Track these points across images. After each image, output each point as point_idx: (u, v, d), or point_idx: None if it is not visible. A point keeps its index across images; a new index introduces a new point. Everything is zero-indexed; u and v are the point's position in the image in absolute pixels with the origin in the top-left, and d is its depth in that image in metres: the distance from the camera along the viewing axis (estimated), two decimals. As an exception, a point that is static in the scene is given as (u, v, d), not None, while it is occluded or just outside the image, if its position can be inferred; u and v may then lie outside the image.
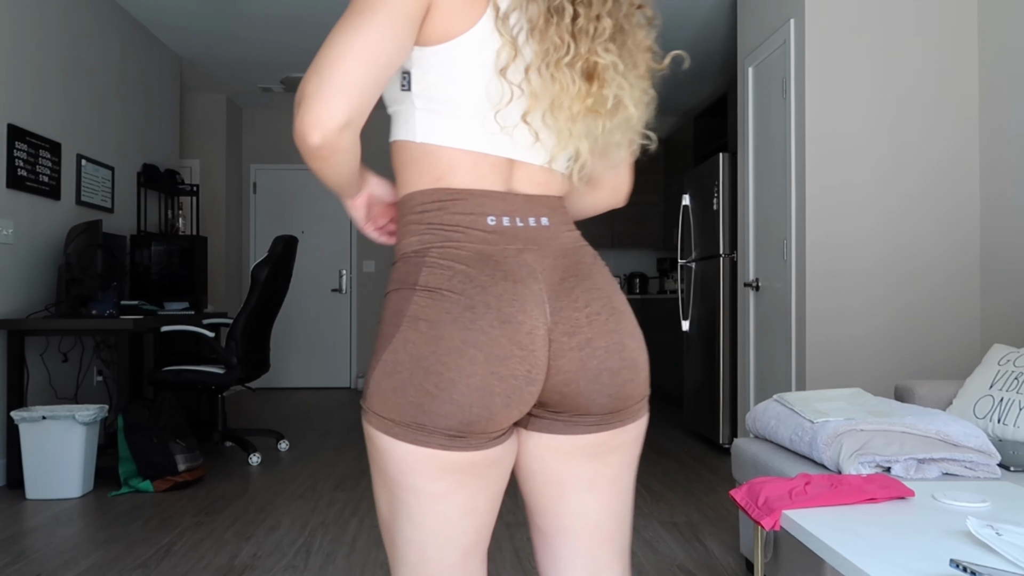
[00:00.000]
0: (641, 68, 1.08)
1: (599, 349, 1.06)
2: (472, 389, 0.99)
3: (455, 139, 1.04)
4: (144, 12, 5.39)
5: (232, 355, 4.39)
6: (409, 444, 1.01)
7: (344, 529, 3.22)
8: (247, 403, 7.02)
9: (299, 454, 4.75)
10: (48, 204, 4.40)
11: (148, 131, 5.74)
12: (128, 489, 3.81)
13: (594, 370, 1.06)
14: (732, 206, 4.82)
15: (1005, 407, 2.37)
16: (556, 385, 1.05)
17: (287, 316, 7.93)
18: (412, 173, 1.07)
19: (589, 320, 1.06)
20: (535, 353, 1.02)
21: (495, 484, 1.08)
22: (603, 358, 1.06)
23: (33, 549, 2.96)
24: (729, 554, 2.89)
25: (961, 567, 1.20)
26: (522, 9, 1.01)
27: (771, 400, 2.59)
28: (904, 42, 3.67)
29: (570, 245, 1.10)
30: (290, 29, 5.65)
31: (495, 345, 0.99)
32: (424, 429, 1.00)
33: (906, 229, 3.67)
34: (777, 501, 1.64)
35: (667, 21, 5.39)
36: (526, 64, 1.01)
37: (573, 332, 1.05)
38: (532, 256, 1.05)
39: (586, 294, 1.07)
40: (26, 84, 4.20)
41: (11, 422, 3.82)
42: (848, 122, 3.67)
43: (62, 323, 3.97)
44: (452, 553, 1.07)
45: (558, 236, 1.09)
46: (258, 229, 8.00)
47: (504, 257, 1.03)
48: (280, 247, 4.52)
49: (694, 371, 5.38)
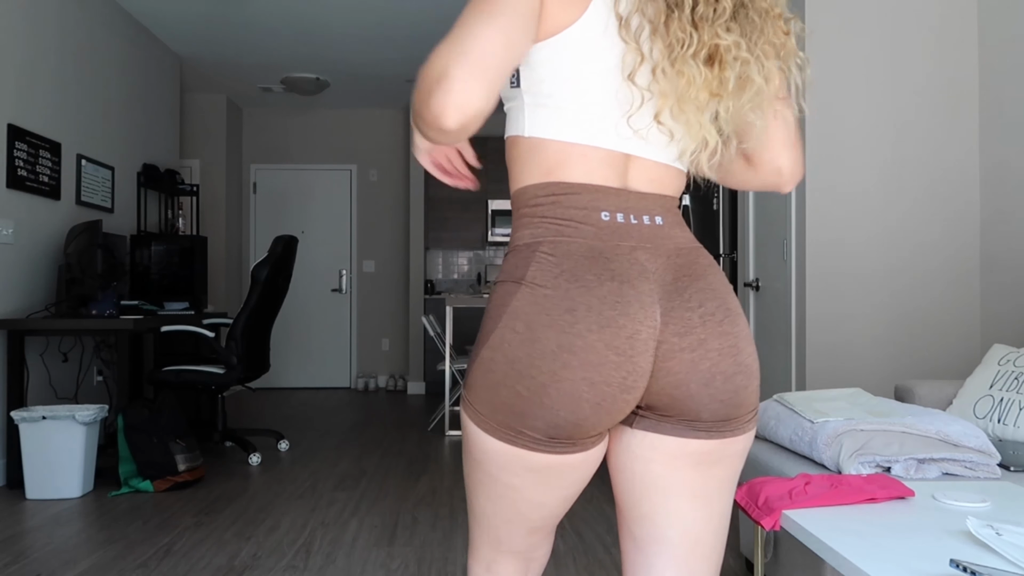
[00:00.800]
0: (771, 34, 1.04)
1: (712, 351, 1.02)
2: (562, 394, 0.98)
3: (565, 133, 1.04)
4: (144, 12, 5.39)
5: (232, 355, 4.39)
6: (497, 440, 1.03)
7: (344, 529, 3.22)
8: (247, 403, 7.02)
9: (299, 454, 4.75)
10: (48, 204, 4.40)
11: (148, 131, 5.74)
12: (128, 489, 3.81)
13: (706, 372, 1.02)
14: (732, 206, 4.82)
15: (1005, 407, 2.37)
16: (665, 388, 1.02)
17: (287, 316, 7.93)
18: (524, 167, 1.07)
19: (703, 320, 1.03)
20: (634, 359, 0.99)
21: (574, 485, 1.08)
22: (716, 360, 1.02)
23: (33, 549, 2.96)
24: (729, 554, 2.89)
25: (961, 567, 1.20)
26: (641, 11, 1.01)
27: (771, 400, 2.59)
28: (904, 42, 3.67)
29: (684, 245, 1.08)
30: (290, 29, 5.65)
31: (591, 351, 0.97)
32: (513, 429, 1.01)
33: (906, 228, 3.67)
34: (777, 501, 1.64)
35: (667, 21, 5.20)
36: (652, 65, 1.00)
37: (685, 332, 1.02)
38: (645, 255, 1.03)
39: (700, 294, 1.04)
40: (26, 84, 4.20)
41: (11, 422, 3.82)
42: (848, 122, 3.67)
43: (62, 323, 3.97)
44: (518, 529, 1.13)
45: (672, 236, 1.07)
46: (258, 229, 8.00)
47: (616, 255, 1.01)
48: (280, 247, 4.52)
49: (694, 371, 5.37)
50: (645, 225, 1.05)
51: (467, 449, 1.10)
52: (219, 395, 4.74)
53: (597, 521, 3.33)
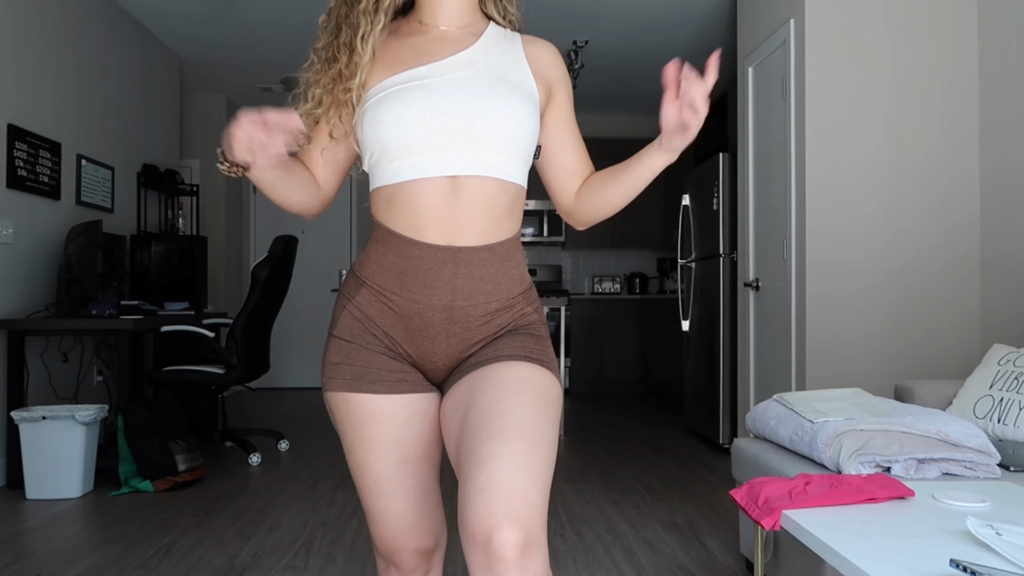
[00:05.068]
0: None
1: None
2: None
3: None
4: (144, 12, 5.39)
5: (232, 355, 4.39)
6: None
7: (344, 529, 3.22)
8: (247, 403, 7.02)
9: (299, 454, 4.75)
10: (48, 204, 4.40)
11: (148, 131, 5.74)
12: (128, 489, 3.81)
13: None
14: (732, 206, 4.82)
15: (1005, 407, 2.37)
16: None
17: (287, 316, 7.92)
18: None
19: None
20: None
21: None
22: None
23: (33, 549, 2.96)
24: (729, 554, 2.89)
25: (961, 567, 1.20)
26: None
27: (771, 400, 2.59)
28: (904, 42, 3.67)
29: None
30: (290, 29, 5.65)
31: None
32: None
33: (906, 229, 3.67)
34: (777, 501, 1.64)
35: (667, 21, 5.40)
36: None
37: None
38: None
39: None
40: (26, 84, 4.20)
41: (11, 422, 3.82)
42: (848, 122, 3.67)
43: (62, 323, 3.97)
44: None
45: None
46: (258, 229, 8.00)
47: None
48: (280, 247, 4.52)
49: (694, 371, 5.38)
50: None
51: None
52: (219, 395, 4.74)
53: (597, 521, 3.33)
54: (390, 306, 1.28)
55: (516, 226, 1.32)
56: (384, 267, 1.28)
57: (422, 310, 1.27)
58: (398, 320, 1.29)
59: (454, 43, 1.33)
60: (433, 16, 1.35)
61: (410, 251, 1.25)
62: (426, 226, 1.25)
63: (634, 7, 5.20)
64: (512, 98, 1.27)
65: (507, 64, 1.33)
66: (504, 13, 1.41)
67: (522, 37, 1.40)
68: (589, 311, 7.74)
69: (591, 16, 5.35)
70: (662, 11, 5.27)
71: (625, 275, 8.27)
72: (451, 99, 1.24)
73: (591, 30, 5.61)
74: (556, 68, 1.38)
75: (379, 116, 1.25)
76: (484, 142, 1.24)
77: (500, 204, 1.27)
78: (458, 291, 1.26)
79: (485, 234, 1.26)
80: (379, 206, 1.30)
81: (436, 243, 1.24)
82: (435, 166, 1.24)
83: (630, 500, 3.68)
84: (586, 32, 5.65)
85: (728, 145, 5.44)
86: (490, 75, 1.29)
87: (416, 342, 1.30)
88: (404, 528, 1.33)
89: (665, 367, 6.92)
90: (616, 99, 7.53)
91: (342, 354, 1.30)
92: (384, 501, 1.31)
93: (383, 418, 1.28)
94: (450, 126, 1.23)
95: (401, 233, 1.26)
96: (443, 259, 1.24)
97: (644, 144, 1.32)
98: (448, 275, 1.25)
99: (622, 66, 6.45)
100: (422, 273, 1.25)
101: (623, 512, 3.47)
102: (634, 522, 3.31)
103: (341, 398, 1.30)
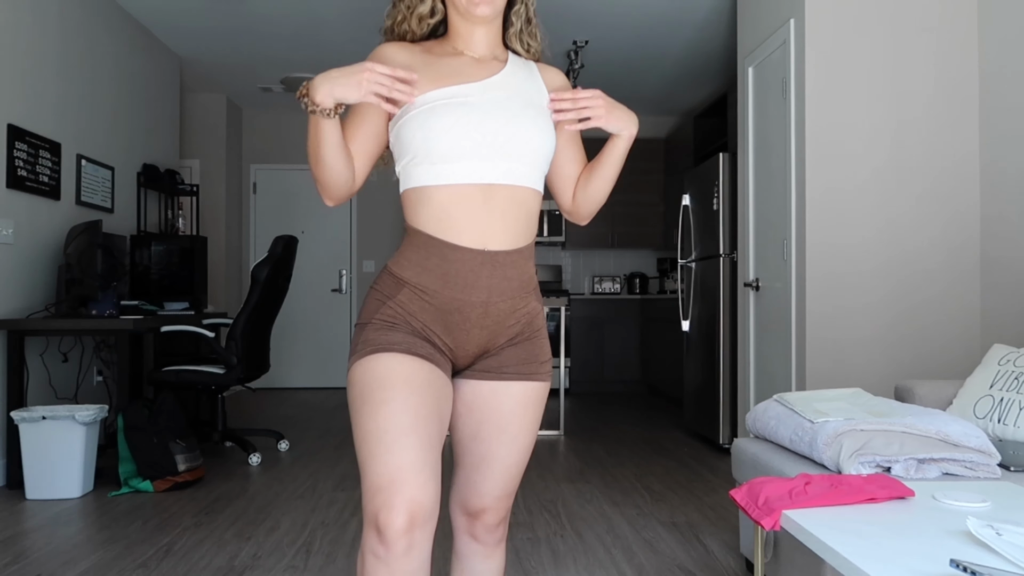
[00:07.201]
0: None
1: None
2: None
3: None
4: (144, 12, 5.39)
5: (232, 355, 4.39)
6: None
7: (344, 529, 3.22)
8: (247, 403, 7.02)
9: (299, 454, 4.75)
10: (48, 204, 4.40)
11: (148, 131, 5.74)
12: (128, 489, 3.81)
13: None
14: (732, 206, 4.82)
15: (1005, 407, 2.37)
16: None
17: (287, 316, 7.92)
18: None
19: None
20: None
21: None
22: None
23: (33, 549, 2.96)
24: (729, 554, 2.89)
25: (961, 567, 1.20)
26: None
27: (771, 400, 2.59)
28: (904, 42, 3.67)
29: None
30: (290, 29, 5.65)
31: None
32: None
33: (906, 228, 3.67)
34: (777, 501, 1.64)
35: (667, 21, 5.41)
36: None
37: None
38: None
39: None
40: (26, 84, 4.20)
41: (11, 422, 3.82)
42: (848, 122, 3.67)
43: (62, 323, 3.97)
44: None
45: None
46: (258, 229, 8.00)
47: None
48: (280, 247, 4.52)
49: (694, 371, 5.38)
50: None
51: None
52: (219, 395, 4.74)
53: (597, 521, 3.33)
54: (431, 303, 1.44)
55: (535, 231, 1.53)
56: (428, 270, 1.44)
57: (462, 306, 1.44)
58: (438, 315, 1.44)
59: (486, 68, 1.53)
60: (467, 46, 1.55)
61: (452, 255, 1.42)
62: (463, 231, 1.42)
63: (634, 7, 5.20)
64: (540, 120, 1.49)
65: (531, 89, 1.54)
66: (528, 47, 1.63)
67: (537, 65, 1.61)
68: (589, 311, 7.74)
69: (591, 16, 5.35)
70: (662, 11, 5.27)
71: (625, 275, 8.27)
72: (490, 116, 1.44)
73: (591, 30, 5.61)
74: (566, 92, 1.58)
75: (429, 123, 1.42)
76: (517, 155, 1.44)
77: (526, 210, 1.47)
78: (493, 289, 1.44)
79: (515, 238, 1.46)
80: (415, 208, 1.46)
81: (473, 247, 1.42)
82: (474, 174, 1.42)
83: (630, 500, 3.68)
84: (586, 32, 5.65)
85: (728, 145, 5.44)
86: (520, 98, 1.50)
87: (452, 333, 1.46)
88: (406, 465, 1.29)
89: (665, 367, 6.92)
90: (616, 99, 7.51)
91: (383, 331, 1.42)
92: (392, 436, 1.31)
93: (412, 371, 1.38)
94: (491, 140, 1.42)
95: (443, 239, 1.43)
96: (482, 262, 1.42)
97: (642, 143, 1.41)
98: (487, 275, 1.43)
99: (622, 66, 6.45)
100: (463, 274, 1.42)
101: (623, 512, 3.47)
102: (634, 522, 3.31)
103: (375, 359, 1.39)
